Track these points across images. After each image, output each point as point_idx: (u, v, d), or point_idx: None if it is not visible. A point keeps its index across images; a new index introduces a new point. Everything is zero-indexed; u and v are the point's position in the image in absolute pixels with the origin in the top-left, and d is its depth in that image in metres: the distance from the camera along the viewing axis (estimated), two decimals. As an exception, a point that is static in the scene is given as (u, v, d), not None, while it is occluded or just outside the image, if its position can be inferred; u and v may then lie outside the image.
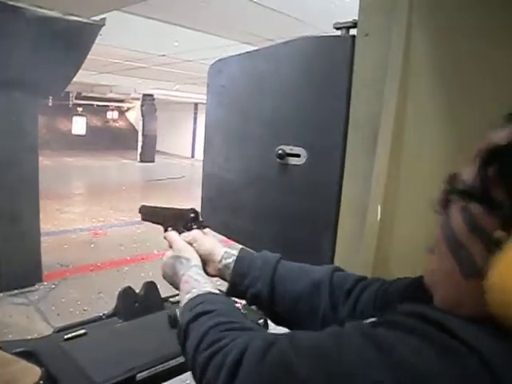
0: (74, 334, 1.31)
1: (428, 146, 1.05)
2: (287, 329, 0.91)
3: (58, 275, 4.86)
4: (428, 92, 1.05)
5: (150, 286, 1.52)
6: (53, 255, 5.25)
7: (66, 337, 1.29)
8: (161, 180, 12.15)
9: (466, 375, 0.43)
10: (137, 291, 1.50)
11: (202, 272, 0.88)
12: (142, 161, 15.62)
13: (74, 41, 3.88)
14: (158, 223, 1.09)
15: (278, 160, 1.30)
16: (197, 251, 0.94)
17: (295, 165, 1.28)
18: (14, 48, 3.49)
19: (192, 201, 1.94)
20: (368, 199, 1.10)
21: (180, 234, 0.99)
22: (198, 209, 1.07)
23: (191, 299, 0.77)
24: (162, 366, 1.20)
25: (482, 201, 0.51)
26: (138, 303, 1.47)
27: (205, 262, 0.93)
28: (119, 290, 1.48)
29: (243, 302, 1.01)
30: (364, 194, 1.12)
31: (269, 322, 1.26)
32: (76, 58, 4.17)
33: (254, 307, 0.97)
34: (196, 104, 17.33)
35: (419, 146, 1.06)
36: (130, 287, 1.48)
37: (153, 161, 15.70)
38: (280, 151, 1.29)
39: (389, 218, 1.09)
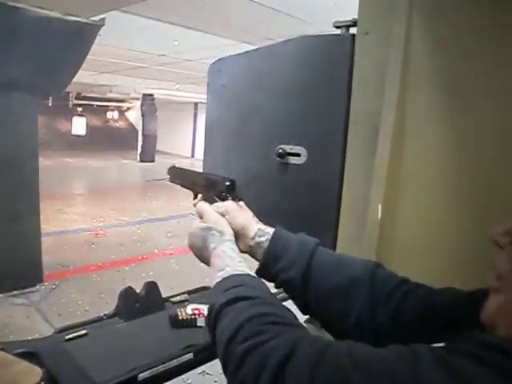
0: (75, 334, 1.31)
1: (429, 144, 1.05)
2: (315, 320, 0.87)
3: (59, 275, 4.86)
4: (428, 90, 1.04)
5: (151, 286, 1.52)
6: (53, 255, 5.26)
7: (66, 337, 1.29)
8: (161, 180, 12.14)
9: None
10: (137, 291, 1.50)
11: (236, 248, 0.82)
12: (142, 161, 15.62)
13: (74, 41, 3.89)
14: (187, 188, 1.01)
15: (278, 159, 1.30)
16: (229, 224, 0.88)
17: (295, 164, 1.28)
18: (14, 48, 3.50)
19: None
20: (369, 198, 1.10)
21: (211, 203, 0.92)
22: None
23: (226, 278, 0.72)
24: (163, 366, 1.20)
25: None
26: (139, 303, 1.47)
27: (236, 236, 0.87)
28: (120, 290, 1.48)
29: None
30: (365, 192, 1.11)
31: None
32: (76, 58, 4.18)
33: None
34: (196, 104, 17.33)
35: (420, 143, 1.06)
36: (130, 287, 1.48)
37: (153, 160, 15.70)
38: (280, 150, 1.29)
39: (390, 217, 1.08)
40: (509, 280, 0.52)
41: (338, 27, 1.25)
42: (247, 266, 0.76)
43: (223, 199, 0.93)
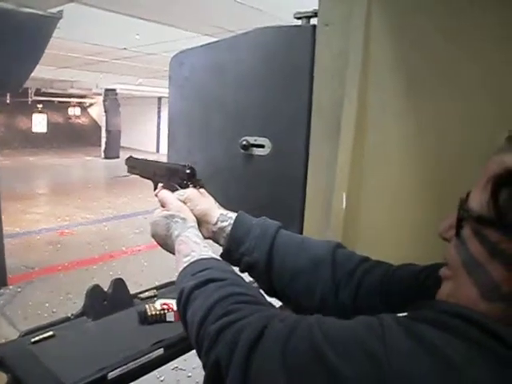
0: (41, 336, 1.28)
1: (391, 132, 1.07)
2: (281, 302, 0.88)
3: (24, 278, 4.73)
4: (389, 79, 1.06)
5: (119, 283, 1.50)
6: (18, 258, 5.11)
7: (33, 340, 1.26)
8: (126, 176, 11.96)
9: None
10: (105, 289, 1.48)
11: (199, 234, 0.83)
12: (106, 157, 15.31)
13: (31, 34, 3.75)
14: (147, 178, 1.00)
15: (242, 151, 1.30)
16: (191, 211, 0.88)
17: (260, 155, 1.28)
18: (-35, 43, 3.36)
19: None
20: (333, 187, 1.11)
21: (173, 191, 0.92)
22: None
23: (193, 263, 0.73)
24: (133, 363, 1.19)
25: (499, 226, 0.50)
26: (107, 301, 1.45)
27: (199, 223, 0.87)
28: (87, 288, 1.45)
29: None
30: (329, 182, 1.13)
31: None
32: (33, 52, 4.04)
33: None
34: (160, 98, 17.09)
35: (381, 133, 1.08)
36: (97, 285, 1.45)
37: (118, 157, 15.41)
38: (244, 142, 1.29)
39: (354, 206, 1.10)
40: (456, 268, 0.56)
41: (298, 18, 1.26)
42: (212, 251, 0.77)
43: (184, 187, 0.92)
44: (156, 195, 0.94)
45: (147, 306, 1.42)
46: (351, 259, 0.82)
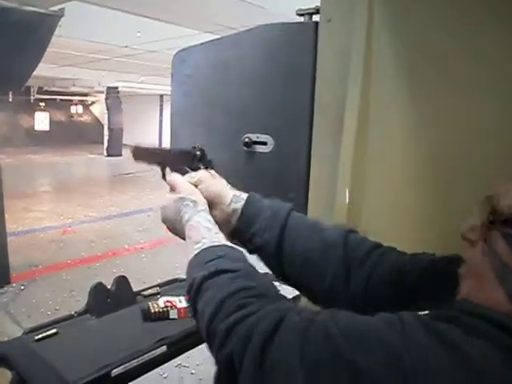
0: (44, 334, 1.28)
1: (393, 128, 1.07)
2: (291, 287, 0.86)
3: (28, 276, 4.74)
4: (391, 75, 1.06)
5: (122, 281, 1.50)
6: (21, 255, 5.12)
7: (36, 337, 1.27)
8: (129, 174, 11.97)
9: None
10: (108, 287, 1.48)
11: (211, 218, 0.79)
12: (108, 155, 15.33)
13: (33, 33, 3.75)
14: (155, 164, 0.96)
15: (244, 148, 1.30)
16: (202, 194, 0.84)
17: (262, 152, 1.28)
18: (-32, 42, 3.36)
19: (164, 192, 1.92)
20: (336, 183, 1.11)
21: (183, 175, 0.89)
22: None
23: (204, 250, 0.70)
24: (136, 360, 1.19)
25: None
26: (110, 299, 1.45)
27: (211, 205, 0.84)
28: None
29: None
30: (332, 178, 1.12)
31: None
32: (36, 50, 4.04)
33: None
34: (161, 96, 17.10)
35: (384, 128, 1.08)
36: (101, 283, 1.46)
37: (120, 154, 15.44)
38: (246, 139, 1.29)
39: (357, 201, 1.10)
40: (479, 269, 0.54)
41: (301, 15, 1.25)
42: (224, 237, 0.75)
43: (194, 169, 0.90)
44: (164, 179, 0.92)
45: (150, 304, 1.42)
46: (363, 245, 0.80)
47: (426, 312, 0.54)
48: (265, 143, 1.27)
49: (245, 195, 0.87)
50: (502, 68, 0.92)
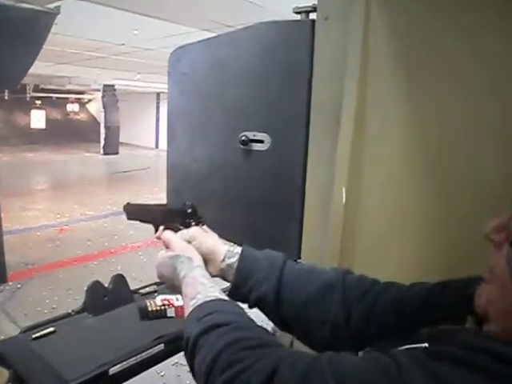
0: (42, 332, 1.28)
1: (390, 127, 1.07)
2: (292, 335, 0.87)
3: (24, 274, 4.73)
4: (388, 73, 1.06)
5: (119, 279, 1.50)
6: (17, 254, 5.11)
7: (33, 336, 1.26)
8: (126, 172, 11.94)
9: None
10: (105, 285, 1.48)
11: (206, 273, 0.81)
12: (105, 153, 15.29)
13: (29, 30, 3.73)
14: (148, 222, 0.99)
15: (241, 146, 1.30)
16: (196, 250, 0.87)
17: (259, 151, 1.28)
18: (-37, 40, 3.34)
19: (161, 191, 1.92)
20: (333, 182, 1.11)
21: (176, 232, 0.91)
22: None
23: (199, 306, 0.70)
24: (134, 358, 1.19)
25: None
26: (107, 297, 1.45)
27: (206, 261, 0.86)
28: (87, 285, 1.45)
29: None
30: (328, 177, 1.13)
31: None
32: (31, 48, 4.02)
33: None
34: (158, 94, 17.06)
35: (380, 127, 1.08)
36: (98, 281, 1.45)
37: (117, 153, 15.40)
38: (243, 137, 1.29)
39: (354, 200, 1.10)
40: (502, 276, 0.52)
41: (297, 13, 1.25)
42: (219, 290, 0.75)
43: (187, 226, 0.93)
44: (158, 238, 0.94)
45: (148, 302, 1.42)
46: (361, 283, 0.81)
47: (425, 345, 0.52)
48: (262, 141, 1.28)
49: (239, 249, 0.88)
50: (503, 67, 0.92)
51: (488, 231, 0.55)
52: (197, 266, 0.81)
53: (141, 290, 1.59)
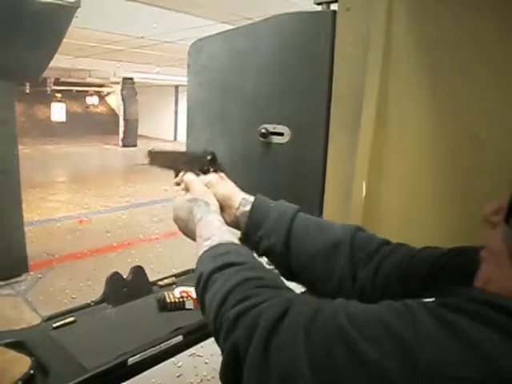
0: (62, 322, 1.30)
1: (411, 120, 1.05)
2: (299, 284, 0.86)
3: (45, 264, 4.82)
4: (410, 65, 1.04)
5: (138, 271, 1.51)
6: (38, 245, 5.20)
7: (54, 325, 1.29)
8: (144, 164, 12.03)
9: None
10: (124, 276, 1.49)
11: (221, 219, 0.81)
12: (124, 146, 15.42)
13: (49, 24, 3.76)
14: (168, 167, 1.01)
15: (261, 139, 1.29)
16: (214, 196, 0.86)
17: (279, 143, 1.27)
18: (-15, 33, 3.39)
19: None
20: (353, 175, 1.10)
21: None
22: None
23: (213, 247, 0.71)
24: (152, 349, 1.20)
25: None
26: (126, 288, 1.46)
27: (221, 208, 0.86)
28: (107, 276, 1.47)
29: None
30: (349, 170, 1.12)
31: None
32: (52, 41, 4.06)
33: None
34: (177, 86, 17.12)
35: (402, 119, 1.06)
36: (117, 272, 1.47)
37: (135, 145, 15.51)
38: (263, 130, 1.28)
39: (374, 194, 1.09)
40: (500, 254, 0.52)
41: (318, 4, 1.24)
42: (235, 236, 0.76)
43: (205, 173, 0.93)
44: (177, 184, 0.94)
45: (166, 294, 1.43)
46: (370, 242, 0.80)
47: (432, 299, 0.52)
48: (281, 134, 1.27)
49: (253, 198, 0.88)
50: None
51: (486, 214, 0.55)
52: (213, 211, 0.82)
53: (159, 282, 1.61)
